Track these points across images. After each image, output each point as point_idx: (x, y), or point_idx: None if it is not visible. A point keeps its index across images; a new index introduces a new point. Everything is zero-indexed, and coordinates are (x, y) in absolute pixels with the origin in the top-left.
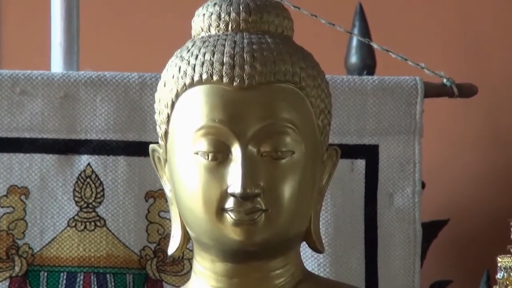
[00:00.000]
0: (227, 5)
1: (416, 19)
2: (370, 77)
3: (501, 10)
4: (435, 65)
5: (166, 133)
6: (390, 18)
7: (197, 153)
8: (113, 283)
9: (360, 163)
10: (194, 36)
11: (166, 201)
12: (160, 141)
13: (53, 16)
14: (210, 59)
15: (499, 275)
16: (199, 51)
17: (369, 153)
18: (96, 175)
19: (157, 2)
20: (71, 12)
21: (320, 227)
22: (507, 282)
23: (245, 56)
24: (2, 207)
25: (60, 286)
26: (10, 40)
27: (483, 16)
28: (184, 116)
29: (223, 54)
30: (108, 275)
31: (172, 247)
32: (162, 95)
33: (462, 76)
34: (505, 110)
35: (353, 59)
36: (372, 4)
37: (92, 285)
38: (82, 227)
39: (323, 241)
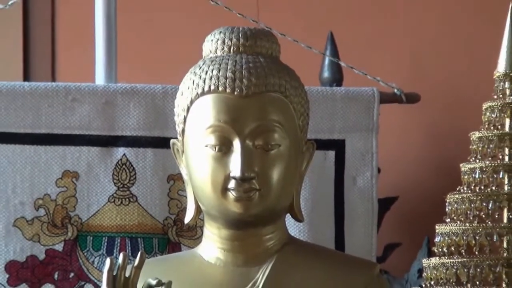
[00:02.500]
0: (230, 33)
1: (373, 42)
2: (338, 88)
3: (440, 35)
4: (388, 78)
5: (183, 130)
6: (353, 42)
7: (206, 146)
8: (142, 245)
9: (331, 154)
10: (204, 57)
11: (183, 183)
12: (178, 137)
13: (97, 40)
14: (217, 74)
15: (436, 239)
16: (208, 68)
17: (338, 146)
18: (130, 163)
19: (176, 30)
20: (110, 37)
21: (300, 202)
22: (443, 244)
23: (243, 72)
24: (58, 187)
25: (102, 247)
26: (63, 58)
27: (426, 40)
28: (196, 117)
29: (226, 71)
30: (139, 239)
31: (188, 217)
32: (180, 102)
33: (408, 87)
34: (441, 113)
35: (325, 74)
36: (340, 32)
37: (127, 247)
38: (119, 202)
39: (303, 213)
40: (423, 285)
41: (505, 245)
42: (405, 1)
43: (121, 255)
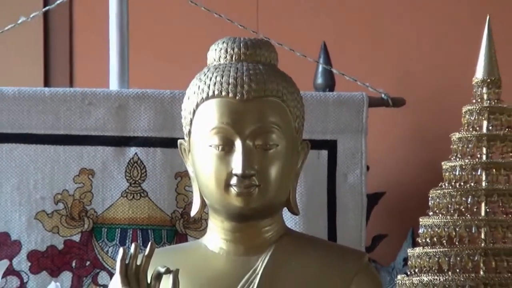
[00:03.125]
0: (232, 42)
1: (363, 52)
2: (331, 93)
3: (424, 45)
4: (376, 84)
5: (189, 132)
6: (345, 52)
7: (211, 146)
8: (152, 236)
9: (324, 153)
10: (209, 64)
11: (190, 179)
12: (185, 137)
13: (111, 49)
14: (220, 80)
15: (420, 231)
16: (212, 74)
17: (330, 146)
18: (141, 161)
19: (183, 40)
20: (123, 47)
21: (296, 197)
22: (426, 235)
23: (244, 79)
24: (75, 183)
25: (116, 238)
26: (80, 66)
27: (411, 49)
28: (202, 120)
29: (229, 77)
30: (149, 231)
31: (194, 211)
32: (187, 105)
33: (394, 92)
34: (425, 116)
35: (319, 80)
36: (332, 42)
37: (138, 238)
38: (131, 197)
39: (298, 207)
40: (408, 273)
41: (482, 236)
42: (392, 14)
43: (133, 245)
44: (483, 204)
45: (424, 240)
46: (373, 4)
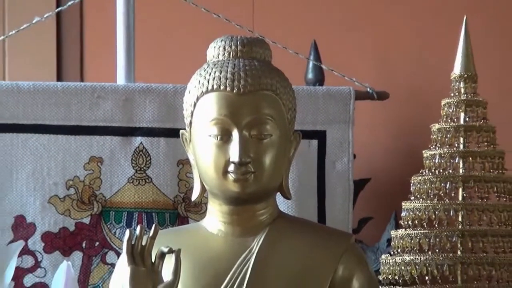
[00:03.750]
0: (229, 41)
1: (350, 49)
2: (320, 87)
3: (407, 43)
4: (362, 79)
5: (190, 123)
6: (333, 49)
7: (210, 136)
8: (156, 219)
9: (314, 142)
10: (208, 60)
11: (191, 166)
12: (186, 128)
13: (118, 46)
14: (219, 75)
15: (403, 214)
16: (212, 70)
17: (320, 136)
18: (146, 150)
19: (185, 38)
20: (129, 44)
21: (288, 183)
22: (408, 218)
23: (241, 74)
24: (85, 170)
25: (122, 221)
26: (90, 62)
27: (395, 47)
28: (202, 112)
29: (227, 72)
30: (153, 214)
31: (194, 195)
32: (188, 99)
33: (379, 86)
34: (407, 108)
35: (310, 75)
36: (322, 40)
37: (143, 221)
38: (137, 183)
39: (291, 192)
40: (391, 253)
41: (460, 219)
42: (377, 16)
43: (138, 227)
44: (460, 190)
45: (406, 223)
46: (360, 6)
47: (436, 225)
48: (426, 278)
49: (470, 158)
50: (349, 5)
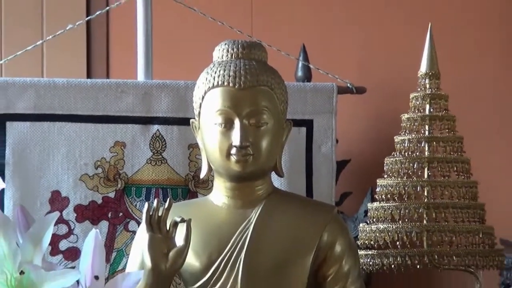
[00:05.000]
0: (232, 44)
1: (334, 51)
2: (308, 83)
3: (381, 46)
4: (344, 76)
5: (199, 113)
6: (319, 50)
7: (215, 124)
8: (170, 194)
9: (303, 130)
10: (214, 61)
11: (199, 149)
12: (196, 117)
13: (139, 48)
14: (223, 73)
15: (377, 190)
16: (217, 69)
17: (308, 124)
18: (162, 136)
19: (194, 42)
20: (148, 47)
21: (281, 163)
22: (382, 193)
23: (241, 72)
24: (111, 152)
25: (142, 195)
26: (115, 62)
27: (371, 49)
28: (208, 104)
29: (229, 71)
30: (168, 189)
31: (202, 174)
32: (197, 93)
33: (358, 82)
34: (381, 101)
35: (299, 73)
36: (310, 43)
37: (159, 195)
38: (154, 163)
39: (283, 171)
40: (368, 222)
41: (425, 193)
42: (356, 23)
43: (155, 200)
44: (426, 169)
45: (380, 197)
46: (343, 15)
47: (405, 199)
48: (397, 243)
49: (434, 143)
50: (334, 14)
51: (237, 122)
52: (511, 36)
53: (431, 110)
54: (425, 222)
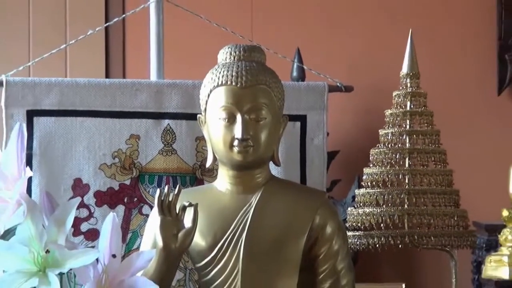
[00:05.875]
0: (234, 48)
1: (325, 54)
2: (302, 82)
3: (368, 49)
4: (334, 76)
5: (205, 109)
6: (312, 53)
7: (220, 119)
8: (179, 181)
9: (298, 124)
10: (218, 62)
11: (205, 141)
12: (202, 113)
13: (151, 52)
14: (226, 73)
15: (364, 177)
16: (221, 69)
17: (302, 119)
18: (172, 129)
19: (202, 46)
20: (160, 50)
21: (279, 154)
22: (368, 180)
23: (243, 72)
24: (127, 144)
25: (154, 182)
26: (130, 63)
27: (359, 52)
28: (214, 101)
29: (232, 71)
30: (177, 177)
31: (208, 163)
32: (203, 91)
33: (346, 81)
34: (367, 98)
35: (294, 74)
36: (304, 47)
37: (170, 182)
38: (165, 154)
39: (280, 160)
40: (355, 206)
41: (406, 181)
42: (345, 28)
43: (166, 187)
44: (407, 159)
45: (366, 184)
46: (333, 22)
47: (388, 186)
48: (381, 225)
49: (414, 136)
50: (325, 22)
51: (239, 117)
52: (483, 39)
53: (412, 106)
54: (406, 206)
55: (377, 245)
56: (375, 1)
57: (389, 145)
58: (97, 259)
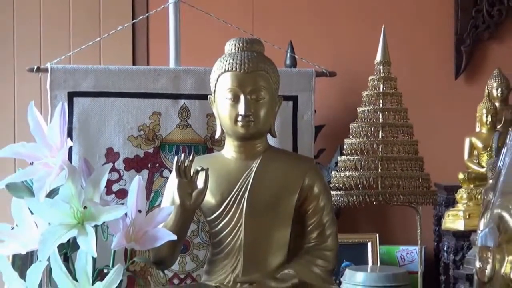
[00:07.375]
0: (238, 40)
1: (313, 44)
2: (294, 69)
3: (349, 40)
4: (320, 63)
5: (214, 91)
6: (302, 44)
7: (226, 99)
8: (193, 149)
9: (290, 103)
10: (225, 52)
11: (214, 117)
12: (212, 94)
13: (170, 44)
14: (232, 62)
15: (345, 147)
16: (227, 58)
17: (294, 99)
18: (187, 107)
19: (211, 39)
20: (177, 41)
21: (275, 127)
22: (348, 149)
23: (245, 60)
24: (150, 119)
25: (173, 150)
26: (153, 53)
27: (342, 43)
28: (221, 84)
29: (237, 60)
30: (192, 146)
31: (217, 135)
32: (213, 76)
33: (330, 68)
34: (348, 82)
35: (288, 62)
36: (296, 39)
37: (186, 151)
38: (182, 128)
39: (276, 133)
40: (337, 170)
41: (380, 149)
42: (331, 22)
43: (182, 155)
44: (380, 132)
45: (347, 152)
46: (321, 17)
47: (365, 154)
48: (359, 186)
49: (386, 113)
50: (313, 19)
51: (242, 97)
52: (443, 34)
53: (384, 88)
54: (379, 170)
55: (356, 203)
56: (355, 3)
57: (366, 120)
58: (125, 214)
